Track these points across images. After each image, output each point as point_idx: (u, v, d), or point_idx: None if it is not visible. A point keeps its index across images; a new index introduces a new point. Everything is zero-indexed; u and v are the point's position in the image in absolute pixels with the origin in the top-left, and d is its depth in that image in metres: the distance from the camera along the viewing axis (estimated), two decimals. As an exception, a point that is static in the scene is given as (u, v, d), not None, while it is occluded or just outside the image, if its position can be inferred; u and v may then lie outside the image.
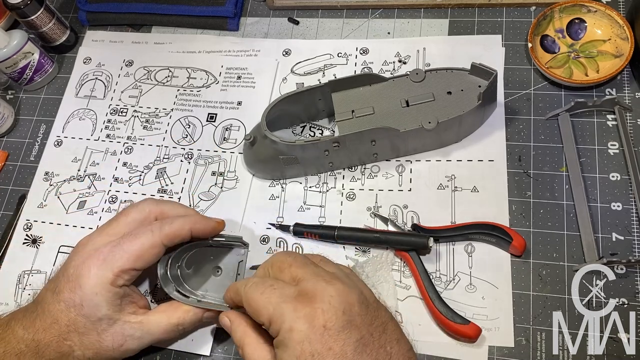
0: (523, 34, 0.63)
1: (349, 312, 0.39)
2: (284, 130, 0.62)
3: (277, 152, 0.56)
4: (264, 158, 0.58)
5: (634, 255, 0.51)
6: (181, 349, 0.54)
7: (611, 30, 0.60)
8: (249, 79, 0.67)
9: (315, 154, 0.56)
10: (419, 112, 0.56)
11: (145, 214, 0.50)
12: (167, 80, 0.69)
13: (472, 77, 0.56)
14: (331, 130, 0.62)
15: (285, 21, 0.71)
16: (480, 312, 0.51)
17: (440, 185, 0.57)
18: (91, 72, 0.72)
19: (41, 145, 0.69)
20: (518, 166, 0.57)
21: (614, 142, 0.56)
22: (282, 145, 0.55)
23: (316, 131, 0.63)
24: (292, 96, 0.58)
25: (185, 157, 0.64)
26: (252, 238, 0.57)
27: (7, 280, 0.60)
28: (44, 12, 0.69)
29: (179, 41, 0.72)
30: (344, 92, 0.58)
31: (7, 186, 0.67)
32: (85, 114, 0.69)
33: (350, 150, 0.57)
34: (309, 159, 0.57)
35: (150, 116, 0.67)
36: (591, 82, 0.57)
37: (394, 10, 0.68)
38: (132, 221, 0.50)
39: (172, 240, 0.48)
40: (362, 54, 0.66)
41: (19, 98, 0.73)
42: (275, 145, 0.56)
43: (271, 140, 0.55)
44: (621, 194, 0.54)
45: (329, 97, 0.59)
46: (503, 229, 0.52)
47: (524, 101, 0.60)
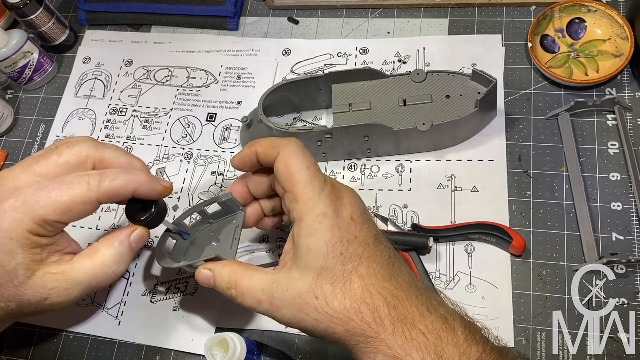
0: (523, 34, 0.63)
1: (367, 212, 0.42)
2: (285, 117, 0.63)
3: (271, 137, 0.57)
4: None
5: (634, 255, 0.51)
6: (181, 349, 0.54)
7: (611, 30, 0.60)
8: (249, 78, 0.67)
9: (308, 143, 0.57)
10: (415, 113, 0.56)
11: (81, 159, 0.42)
12: (167, 80, 0.69)
13: (473, 83, 0.56)
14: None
15: (285, 21, 0.70)
16: (480, 312, 0.50)
17: (440, 185, 0.57)
18: (91, 71, 0.72)
19: (41, 145, 0.68)
20: (518, 166, 0.57)
21: (614, 142, 0.56)
22: (276, 132, 0.56)
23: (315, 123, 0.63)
24: (293, 84, 0.59)
25: (185, 157, 0.64)
26: (252, 238, 0.57)
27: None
28: (44, 12, 0.69)
29: (178, 41, 0.72)
30: (345, 85, 0.59)
31: (7, 186, 0.67)
32: (84, 113, 0.69)
33: (343, 143, 0.57)
34: None
35: (149, 116, 0.67)
36: (591, 82, 0.57)
37: (394, 10, 0.68)
38: (65, 164, 0.42)
39: (110, 198, 0.41)
40: (362, 53, 0.66)
41: (19, 98, 0.73)
42: (269, 131, 0.56)
43: (266, 126, 0.56)
44: (621, 194, 0.54)
45: (329, 89, 0.59)
46: (503, 229, 0.52)
47: (524, 101, 0.60)
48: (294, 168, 0.40)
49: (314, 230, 0.39)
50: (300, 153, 0.41)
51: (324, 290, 0.38)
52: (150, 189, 0.43)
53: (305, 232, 0.39)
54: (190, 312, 0.55)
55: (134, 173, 0.42)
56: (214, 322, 0.54)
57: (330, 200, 0.39)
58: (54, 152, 0.42)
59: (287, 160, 0.41)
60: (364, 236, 0.39)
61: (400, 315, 0.37)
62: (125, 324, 0.56)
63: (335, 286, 0.38)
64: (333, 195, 0.40)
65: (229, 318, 0.54)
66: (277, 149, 0.42)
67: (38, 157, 0.42)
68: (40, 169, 0.41)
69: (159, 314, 0.55)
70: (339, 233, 0.39)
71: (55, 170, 0.41)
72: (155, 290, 0.56)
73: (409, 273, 0.40)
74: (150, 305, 0.56)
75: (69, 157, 0.42)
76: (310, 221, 0.39)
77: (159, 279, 0.57)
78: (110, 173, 0.41)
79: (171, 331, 0.54)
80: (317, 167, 0.41)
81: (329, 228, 0.38)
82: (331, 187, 0.40)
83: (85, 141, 0.43)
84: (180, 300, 0.56)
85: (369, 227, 0.40)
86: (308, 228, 0.39)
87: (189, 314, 0.55)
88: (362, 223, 0.40)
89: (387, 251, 0.40)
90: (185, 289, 0.56)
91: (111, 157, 0.44)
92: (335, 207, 0.39)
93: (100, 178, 0.40)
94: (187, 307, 0.55)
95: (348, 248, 0.38)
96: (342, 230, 0.39)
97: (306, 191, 0.39)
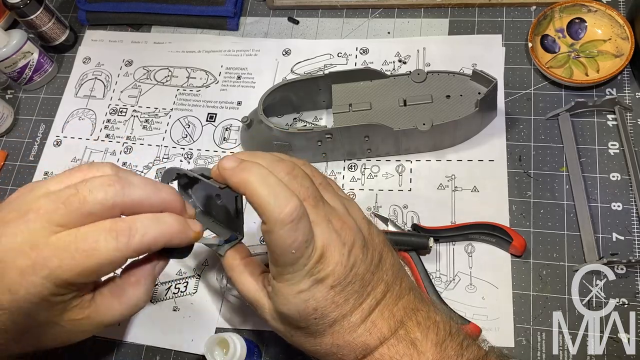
0: (523, 34, 0.63)
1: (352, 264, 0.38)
2: (285, 117, 0.63)
3: (271, 137, 0.57)
4: (259, 142, 0.59)
5: (634, 255, 0.51)
6: (181, 349, 0.54)
7: (611, 30, 0.60)
8: (249, 78, 0.67)
9: (308, 143, 0.57)
10: (415, 113, 0.56)
11: (107, 207, 0.36)
12: (167, 80, 0.69)
13: (473, 84, 0.56)
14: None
15: (285, 21, 0.70)
16: (480, 312, 0.50)
17: (440, 185, 0.57)
18: (90, 71, 0.72)
19: (40, 145, 0.68)
20: (518, 166, 0.57)
21: (614, 142, 0.56)
22: (276, 131, 0.56)
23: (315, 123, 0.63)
24: (293, 83, 0.59)
25: (185, 157, 0.64)
26: (252, 238, 0.57)
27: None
28: (44, 12, 0.69)
29: (178, 41, 0.72)
30: (345, 85, 0.59)
31: (7, 186, 0.67)
32: (84, 113, 0.69)
33: (343, 143, 0.57)
34: (302, 148, 0.58)
35: (149, 116, 0.67)
36: (591, 82, 0.57)
37: (394, 10, 0.68)
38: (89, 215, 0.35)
39: (138, 254, 0.37)
40: (362, 53, 0.66)
41: (19, 98, 0.73)
42: (269, 131, 0.56)
43: (266, 126, 0.56)
44: (621, 194, 0.54)
45: (329, 89, 0.59)
46: (503, 229, 0.52)
47: (524, 101, 0.60)
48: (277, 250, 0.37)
49: (287, 301, 0.38)
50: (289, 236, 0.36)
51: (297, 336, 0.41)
52: (180, 240, 0.39)
53: (280, 299, 0.39)
54: (190, 312, 0.55)
55: (165, 222, 0.37)
56: (214, 322, 0.54)
57: (310, 274, 0.37)
58: (75, 197, 0.35)
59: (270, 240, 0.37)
60: (344, 297, 0.38)
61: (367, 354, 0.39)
62: (125, 324, 0.55)
63: (307, 338, 0.40)
64: (316, 268, 0.37)
65: (229, 318, 0.54)
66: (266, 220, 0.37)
67: (56, 204, 0.35)
68: (61, 219, 0.35)
69: (159, 314, 0.55)
70: (313, 304, 0.38)
71: (77, 222, 0.35)
72: (155, 290, 0.56)
73: (395, 297, 0.40)
74: (150, 305, 0.56)
75: (93, 207, 0.35)
76: (284, 292, 0.38)
77: (159, 279, 0.57)
78: (140, 227, 0.36)
79: (171, 331, 0.54)
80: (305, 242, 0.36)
81: (303, 301, 0.38)
82: (317, 258, 0.37)
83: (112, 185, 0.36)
84: (180, 300, 0.56)
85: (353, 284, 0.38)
86: (282, 297, 0.39)
87: (189, 314, 0.55)
88: (344, 286, 0.38)
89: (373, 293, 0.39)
90: (185, 289, 0.56)
91: (140, 198, 0.37)
92: (314, 280, 0.37)
93: (129, 234, 0.35)
94: (187, 307, 0.55)
95: (323, 313, 0.38)
96: (318, 300, 0.38)
97: (286, 270, 0.38)
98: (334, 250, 0.38)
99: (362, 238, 0.40)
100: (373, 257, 0.40)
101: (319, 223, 0.38)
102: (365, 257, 0.39)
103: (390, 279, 0.41)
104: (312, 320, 0.38)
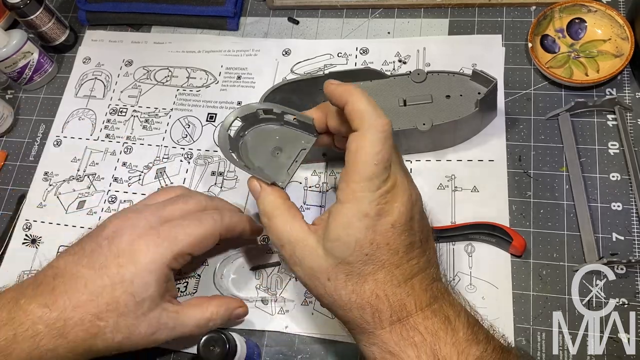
0: (523, 34, 0.63)
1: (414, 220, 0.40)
2: None
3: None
4: None
5: (634, 255, 0.51)
6: (181, 349, 0.53)
7: (611, 30, 0.60)
8: (249, 78, 0.67)
9: None
10: (415, 113, 0.56)
11: (201, 207, 0.50)
12: (167, 80, 0.69)
13: (473, 84, 0.56)
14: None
15: (285, 21, 0.70)
16: (480, 312, 0.50)
17: (440, 185, 0.57)
18: (90, 71, 0.72)
19: (40, 145, 0.68)
20: (518, 166, 0.57)
21: (614, 142, 0.56)
22: None
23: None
24: (293, 84, 0.59)
25: (185, 157, 0.64)
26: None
27: (7, 280, 0.60)
28: (44, 12, 0.69)
29: (178, 41, 0.72)
30: None
31: (7, 186, 0.67)
32: (84, 113, 0.69)
33: None
34: None
35: (149, 116, 0.67)
36: (591, 82, 0.57)
37: (394, 10, 0.68)
38: (188, 210, 0.49)
39: (229, 232, 0.49)
40: (362, 53, 0.66)
41: (18, 98, 0.73)
42: None
43: None
44: (621, 194, 0.54)
45: None
46: (503, 229, 0.52)
47: (524, 101, 0.60)
48: (361, 157, 0.38)
49: (349, 224, 0.38)
50: (379, 143, 0.38)
51: (337, 277, 0.39)
52: (255, 228, 0.53)
53: (341, 221, 0.38)
54: (190, 312, 0.56)
55: (241, 215, 0.52)
56: (214, 322, 0.54)
57: (379, 202, 0.38)
58: (179, 201, 0.50)
59: (360, 144, 0.38)
60: (397, 244, 0.38)
61: (402, 317, 0.38)
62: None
63: (348, 279, 0.39)
64: (384, 197, 0.38)
65: (229, 318, 0.55)
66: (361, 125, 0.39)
67: (164, 204, 0.49)
68: (167, 214, 0.48)
69: (159, 314, 0.56)
70: (372, 235, 0.38)
71: (180, 215, 0.48)
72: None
73: (431, 277, 0.40)
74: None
75: (192, 205, 0.49)
76: (349, 213, 0.38)
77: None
78: (226, 211, 0.51)
79: (171, 331, 0.54)
80: (387, 162, 0.38)
81: (364, 228, 0.38)
82: (389, 187, 0.38)
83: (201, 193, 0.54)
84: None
85: (407, 235, 0.39)
86: (344, 218, 0.38)
87: (189, 314, 0.55)
88: (401, 231, 0.38)
89: (417, 259, 0.39)
90: (185, 289, 0.56)
91: (221, 204, 0.53)
92: (380, 209, 0.38)
93: (222, 215, 0.49)
94: (187, 307, 0.55)
95: (375, 252, 0.38)
96: (377, 233, 0.38)
97: (360, 185, 0.38)
98: (403, 193, 0.39)
99: (422, 205, 0.41)
100: (424, 227, 0.41)
101: (397, 163, 0.40)
102: (421, 220, 0.41)
103: (431, 259, 0.41)
104: (363, 257, 0.38)
